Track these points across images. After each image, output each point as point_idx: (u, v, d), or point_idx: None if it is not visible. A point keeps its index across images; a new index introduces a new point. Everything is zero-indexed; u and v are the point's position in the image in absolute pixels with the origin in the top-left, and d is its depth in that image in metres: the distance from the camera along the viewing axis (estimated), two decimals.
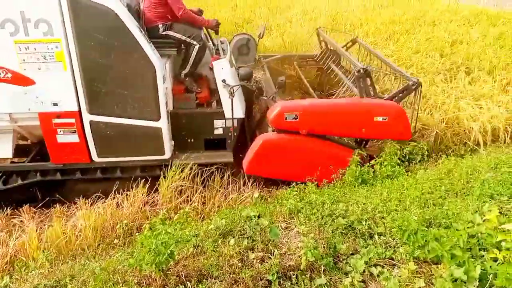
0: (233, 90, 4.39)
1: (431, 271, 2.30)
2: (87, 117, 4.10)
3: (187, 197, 4.44)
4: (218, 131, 4.67)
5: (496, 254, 2.22)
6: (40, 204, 4.59)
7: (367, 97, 4.54)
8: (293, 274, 2.40)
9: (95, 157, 4.35)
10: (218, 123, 4.63)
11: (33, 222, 4.18)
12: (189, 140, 4.67)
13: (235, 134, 4.69)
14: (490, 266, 2.11)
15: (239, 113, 4.62)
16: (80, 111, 4.06)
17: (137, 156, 4.44)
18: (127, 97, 4.06)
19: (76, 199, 4.49)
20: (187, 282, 2.39)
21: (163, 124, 4.25)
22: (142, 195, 4.35)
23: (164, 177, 4.43)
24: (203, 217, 4.19)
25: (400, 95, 4.54)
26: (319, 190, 3.83)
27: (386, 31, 9.05)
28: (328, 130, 4.36)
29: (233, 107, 4.47)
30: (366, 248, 2.53)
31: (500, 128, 5.19)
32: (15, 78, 3.80)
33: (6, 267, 3.60)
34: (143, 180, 4.49)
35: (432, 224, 2.64)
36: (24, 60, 3.75)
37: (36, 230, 3.94)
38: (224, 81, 4.44)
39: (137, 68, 3.95)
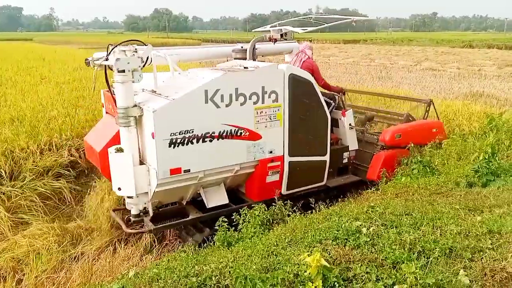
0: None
1: None
2: (287, 159, 5.39)
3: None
4: (345, 161, 6.36)
5: (310, 285, 2.75)
6: None
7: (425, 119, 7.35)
8: None
9: (284, 191, 5.52)
10: (345, 154, 6.32)
11: None
12: (329, 170, 5.99)
13: (354, 161, 6.54)
14: None
15: (356, 145, 6.44)
16: (283, 155, 5.34)
17: (308, 185, 5.79)
18: (312, 140, 5.62)
19: None
20: None
21: (327, 157, 5.79)
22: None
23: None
24: None
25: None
26: (185, 256, 4.12)
27: None
28: (415, 141, 6.49)
29: (353, 142, 6.38)
30: None
31: None
32: (250, 135, 5.02)
33: None
34: None
35: (269, 270, 3.11)
36: (258, 121, 5.03)
37: None
38: (350, 124, 6.29)
39: (320, 119, 5.61)
